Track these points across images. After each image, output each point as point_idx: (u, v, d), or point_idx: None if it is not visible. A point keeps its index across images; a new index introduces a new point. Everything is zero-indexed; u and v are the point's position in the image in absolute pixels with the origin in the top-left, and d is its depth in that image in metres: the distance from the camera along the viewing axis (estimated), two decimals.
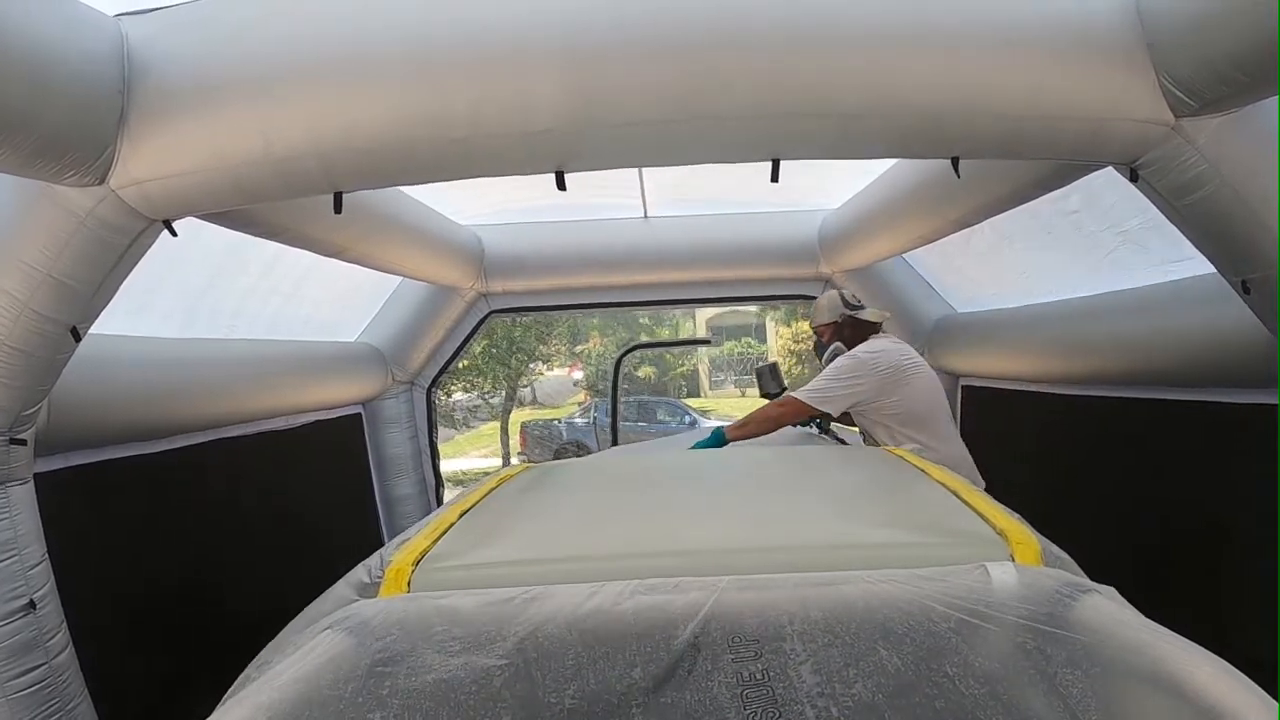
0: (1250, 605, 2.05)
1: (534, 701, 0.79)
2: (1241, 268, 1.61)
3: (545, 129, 1.27)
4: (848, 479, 1.46)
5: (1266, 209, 1.48)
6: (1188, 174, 1.48)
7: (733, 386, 19.21)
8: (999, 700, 0.76)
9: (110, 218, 1.45)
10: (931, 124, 1.32)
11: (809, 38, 1.26)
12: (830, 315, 2.55)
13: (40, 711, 1.67)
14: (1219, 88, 1.34)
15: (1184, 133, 1.43)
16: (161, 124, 1.36)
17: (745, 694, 0.80)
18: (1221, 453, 2.19)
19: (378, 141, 1.29)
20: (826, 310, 2.56)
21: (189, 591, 2.37)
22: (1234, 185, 1.47)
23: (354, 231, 2.22)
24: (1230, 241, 1.57)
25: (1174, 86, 1.38)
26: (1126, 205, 2.22)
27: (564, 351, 15.86)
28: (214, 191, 1.41)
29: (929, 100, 1.30)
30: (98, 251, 1.50)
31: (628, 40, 1.25)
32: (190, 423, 2.43)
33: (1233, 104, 1.40)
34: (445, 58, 1.26)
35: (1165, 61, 1.37)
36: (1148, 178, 1.52)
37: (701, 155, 1.37)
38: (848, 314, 2.52)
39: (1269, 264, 1.53)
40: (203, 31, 1.35)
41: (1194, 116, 1.41)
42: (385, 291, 3.64)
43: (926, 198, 2.41)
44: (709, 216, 3.53)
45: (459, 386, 12.28)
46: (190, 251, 2.21)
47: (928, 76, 1.28)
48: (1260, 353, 1.79)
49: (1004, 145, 1.39)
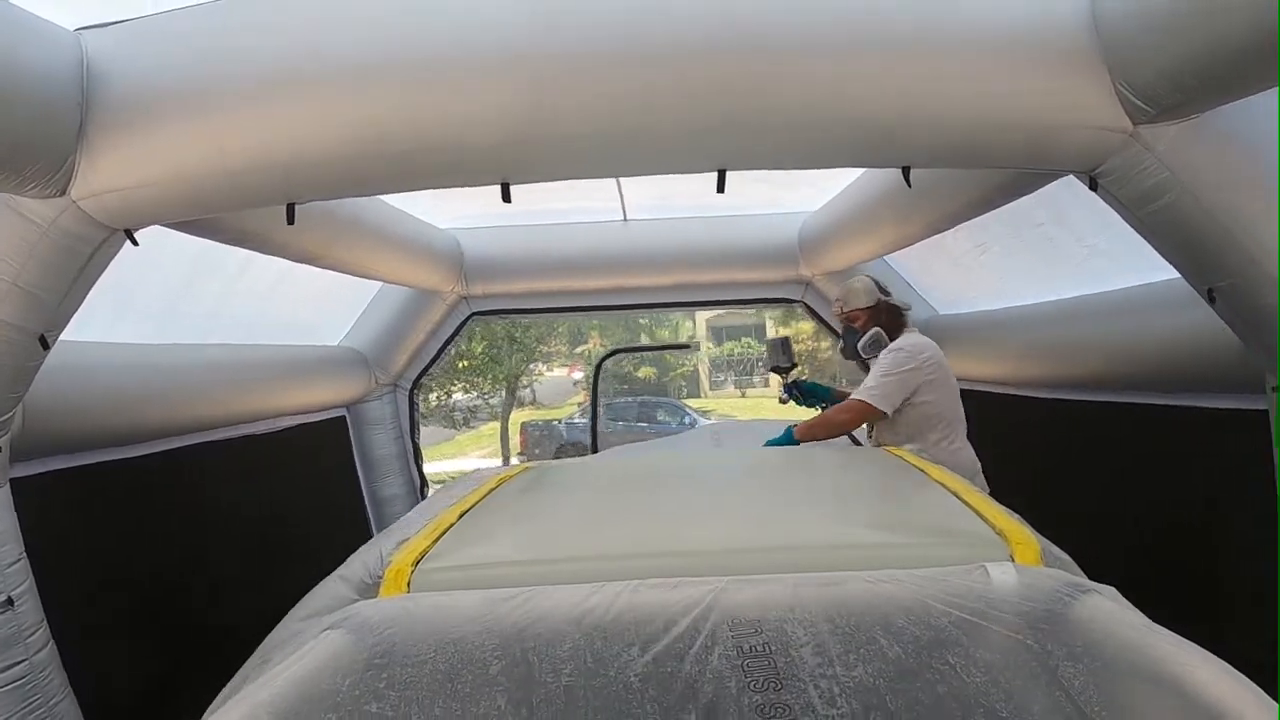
0: (1229, 609, 2.04)
1: (534, 701, 0.79)
2: (1207, 276, 1.59)
3: (488, 143, 1.27)
4: (848, 479, 1.46)
5: (1229, 217, 1.46)
6: (1147, 182, 1.46)
7: (733, 387, 19.20)
8: (999, 700, 0.76)
9: (72, 228, 1.47)
10: (880, 134, 1.31)
11: (752, 49, 1.25)
12: (867, 299, 2.35)
13: (22, 708, 1.69)
14: (1176, 94, 1.33)
15: (1142, 140, 1.42)
16: (119, 136, 1.37)
17: (746, 672, 0.80)
18: (1201, 458, 2.18)
19: (326, 154, 1.30)
20: (863, 294, 2.36)
21: (176, 594, 2.38)
22: (1195, 193, 1.46)
23: (323, 237, 2.23)
24: (1194, 250, 1.56)
25: (1130, 93, 1.37)
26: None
27: (564, 352, 15.89)
28: (171, 202, 1.42)
29: (877, 110, 1.29)
30: (62, 260, 1.52)
31: (569, 54, 1.25)
32: (171, 428, 2.44)
33: (1191, 110, 1.38)
34: (387, 73, 1.27)
35: (1121, 68, 1.36)
36: (1107, 186, 1.51)
37: (646, 167, 1.37)
38: (884, 299, 2.36)
39: (1233, 272, 1.52)
40: (158, 45, 1.36)
41: (1152, 123, 1.40)
42: (367, 295, 3.66)
43: (895, 204, 2.40)
44: (688, 219, 3.53)
45: (459, 387, 12.32)
46: (164, 255, 2.23)
47: (875, 86, 1.28)
48: (1238, 358, 1.78)
49: (956, 154, 1.39)
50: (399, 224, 2.85)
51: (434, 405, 12.23)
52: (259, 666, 1.03)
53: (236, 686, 1.01)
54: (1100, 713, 0.73)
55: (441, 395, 12.21)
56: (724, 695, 0.78)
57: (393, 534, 1.24)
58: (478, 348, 11.43)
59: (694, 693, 0.79)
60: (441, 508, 1.33)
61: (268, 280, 2.84)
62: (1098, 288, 2.49)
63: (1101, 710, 0.73)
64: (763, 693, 0.78)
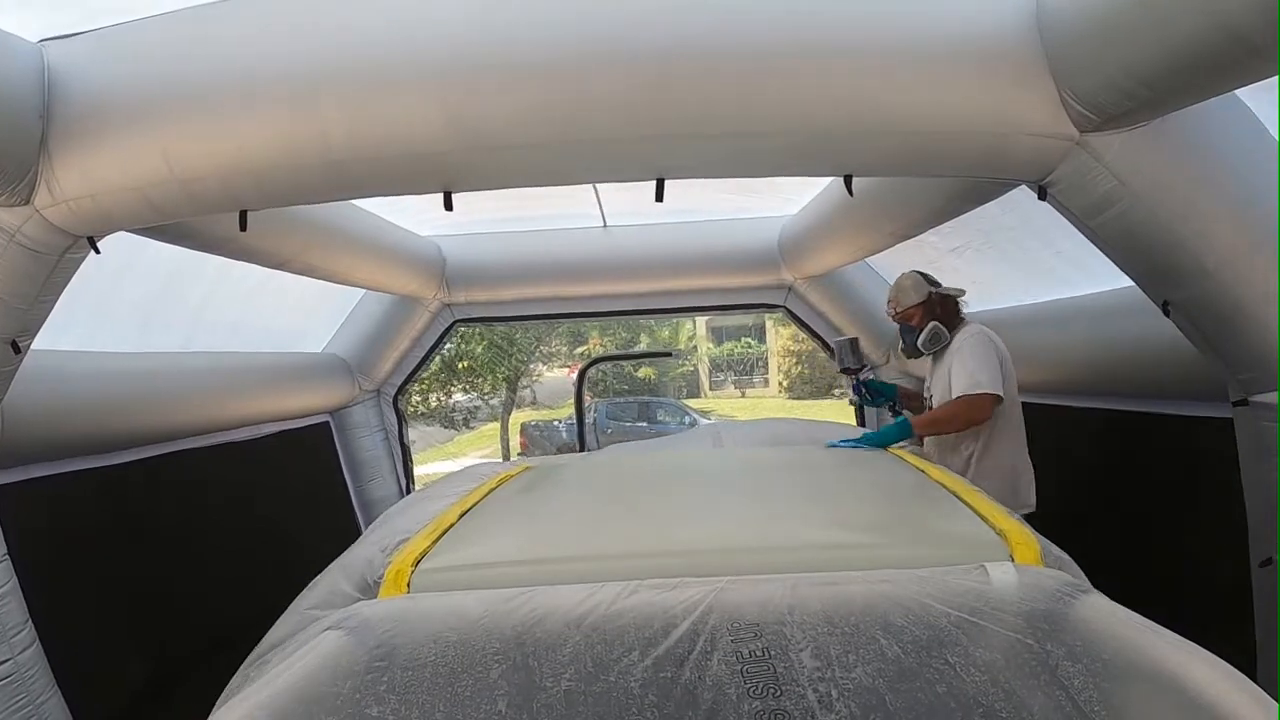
0: (1201, 615, 2.03)
1: (534, 700, 0.79)
2: (1161, 288, 1.58)
3: (424, 152, 1.29)
4: (848, 479, 1.46)
5: (1183, 227, 1.45)
6: (1097, 191, 1.46)
7: (733, 387, 19.16)
8: (999, 700, 0.76)
9: (37, 235, 1.49)
10: (821, 142, 1.32)
11: (691, 57, 1.25)
12: (918, 295, 2.24)
13: (8, 706, 1.71)
14: (1122, 102, 1.32)
15: (1090, 148, 1.42)
16: (79, 146, 1.40)
17: (745, 671, 0.80)
18: (1174, 464, 2.17)
19: (267, 163, 1.32)
20: (912, 290, 2.25)
21: (159, 599, 2.39)
22: (1145, 202, 1.45)
23: (300, 243, 2.25)
24: (1147, 261, 1.55)
25: (1076, 101, 1.36)
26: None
27: (564, 352, 15.91)
28: (130, 209, 1.45)
29: (818, 118, 1.29)
30: (29, 267, 1.54)
31: (504, 64, 1.26)
32: (152, 435, 2.45)
33: (1138, 119, 1.38)
34: (326, 85, 1.29)
35: (1066, 76, 1.35)
36: (1057, 195, 1.50)
37: (587, 176, 1.38)
38: (935, 291, 2.25)
39: (1187, 284, 1.50)
40: (114, 55, 1.39)
41: (1099, 131, 1.40)
42: (350, 302, 3.68)
43: (862, 212, 2.39)
44: (669, 225, 3.53)
45: (459, 387, 12.35)
46: (144, 263, 2.25)
47: (816, 93, 1.28)
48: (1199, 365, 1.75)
49: (900, 163, 1.39)
50: (379, 231, 2.87)
51: (434, 406, 12.27)
52: (257, 665, 1.04)
53: (235, 686, 1.02)
54: (1100, 712, 0.72)
55: (441, 396, 12.25)
56: (723, 702, 0.78)
57: (392, 521, 1.24)
58: (477, 348, 11.46)
59: (693, 699, 0.79)
60: (438, 502, 1.33)
61: (249, 287, 2.86)
62: (1069, 292, 2.48)
63: (1101, 710, 0.72)
64: (762, 699, 0.78)
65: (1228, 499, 1.74)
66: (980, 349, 2.10)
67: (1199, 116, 1.40)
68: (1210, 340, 1.59)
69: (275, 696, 0.79)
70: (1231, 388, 1.65)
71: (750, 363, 19.19)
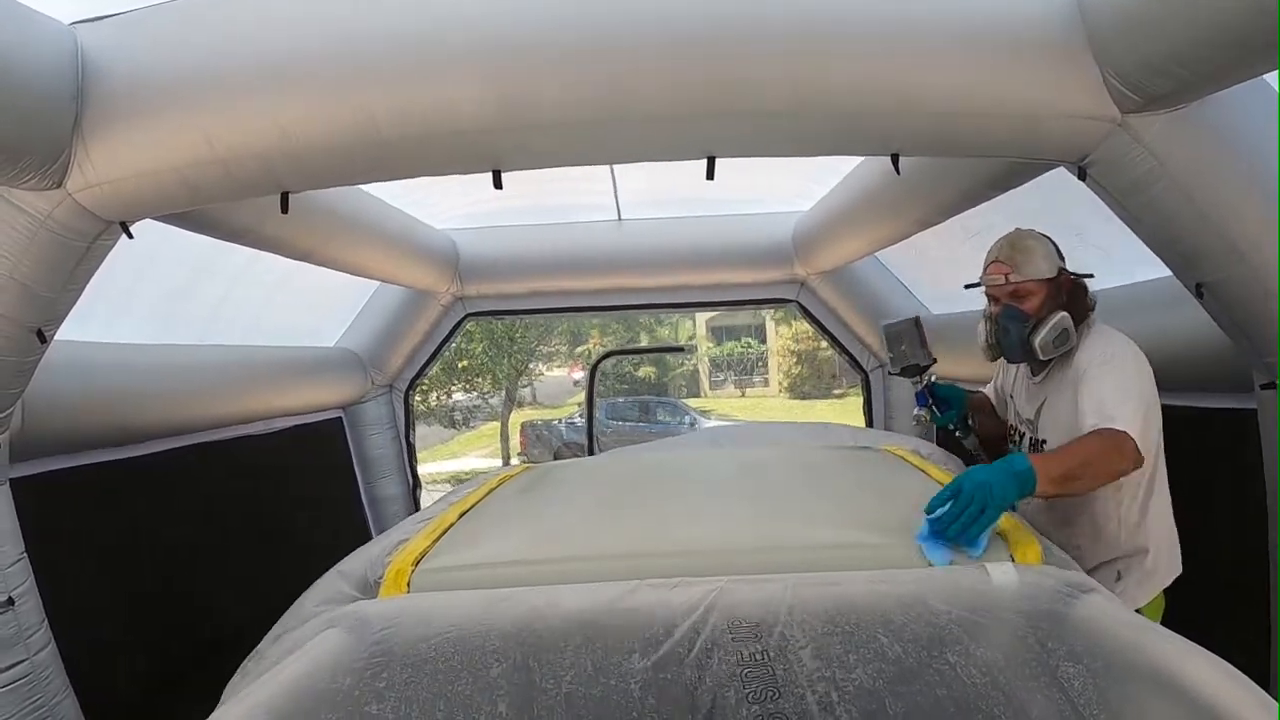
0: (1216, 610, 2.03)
1: (534, 700, 0.80)
2: (1195, 271, 1.59)
3: (471, 130, 1.28)
4: (848, 479, 1.45)
5: (1216, 210, 1.46)
6: (1135, 172, 1.47)
7: (733, 387, 19.19)
8: (999, 699, 0.76)
9: (68, 221, 1.48)
10: (864, 121, 1.32)
11: (737, 36, 1.25)
12: (1049, 268, 1.51)
13: (23, 707, 1.69)
14: (1164, 83, 1.33)
15: (1131, 129, 1.42)
16: (113, 129, 1.38)
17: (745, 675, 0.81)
18: (1191, 457, 2.16)
19: (310, 144, 1.31)
20: (1043, 258, 1.51)
21: (175, 594, 2.38)
22: (1183, 184, 1.46)
23: (319, 234, 2.24)
24: (1182, 243, 1.56)
25: (1118, 82, 1.37)
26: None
27: (564, 352, 15.91)
28: (166, 193, 1.43)
29: (860, 98, 1.29)
30: (58, 254, 1.53)
31: (551, 41, 1.26)
32: (168, 428, 2.44)
33: (1180, 100, 1.39)
34: (368, 61, 1.28)
35: (1108, 57, 1.36)
36: (1096, 176, 1.51)
37: (636, 154, 1.38)
38: (1070, 273, 1.54)
39: (1221, 267, 1.51)
40: (149, 37, 1.38)
41: (1140, 113, 1.40)
42: (363, 296, 3.67)
43: (888, 197, 2.39)
44: (683, 219, 3.53)
45: (459, 386, 12.34)
46: (165, 256, 2.24)
47: (859, 73, 1.28)
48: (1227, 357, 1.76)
49: (943, 143, 1.39)
50: (395, 222, 2.86)
51: (434, 405, 12.24)
52: (257, 663, 1.03)
53: (236, 685, 1.02)
54: (1099, 712, 0.73)
55: (441, 395, 12.22)
56: (723, 705, 0.78)
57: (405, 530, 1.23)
58: (477, 348, 11.45)
59: (693, 701, 0.79)
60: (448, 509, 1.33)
61: (267, 282, 2.85)
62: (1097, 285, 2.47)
63: (1101, 710, 0.73)
64: (761, 703, 0.79)
65: (1242, 493, 1.74)
66: (1134, 370, 1.42)
67: (1231, 100, 1.41)
68: (1240, 324, 1.60)
69: (275, 694, 0.79)
70: (1259, 372, 1.66)
71: (750, 362, 19.23)
